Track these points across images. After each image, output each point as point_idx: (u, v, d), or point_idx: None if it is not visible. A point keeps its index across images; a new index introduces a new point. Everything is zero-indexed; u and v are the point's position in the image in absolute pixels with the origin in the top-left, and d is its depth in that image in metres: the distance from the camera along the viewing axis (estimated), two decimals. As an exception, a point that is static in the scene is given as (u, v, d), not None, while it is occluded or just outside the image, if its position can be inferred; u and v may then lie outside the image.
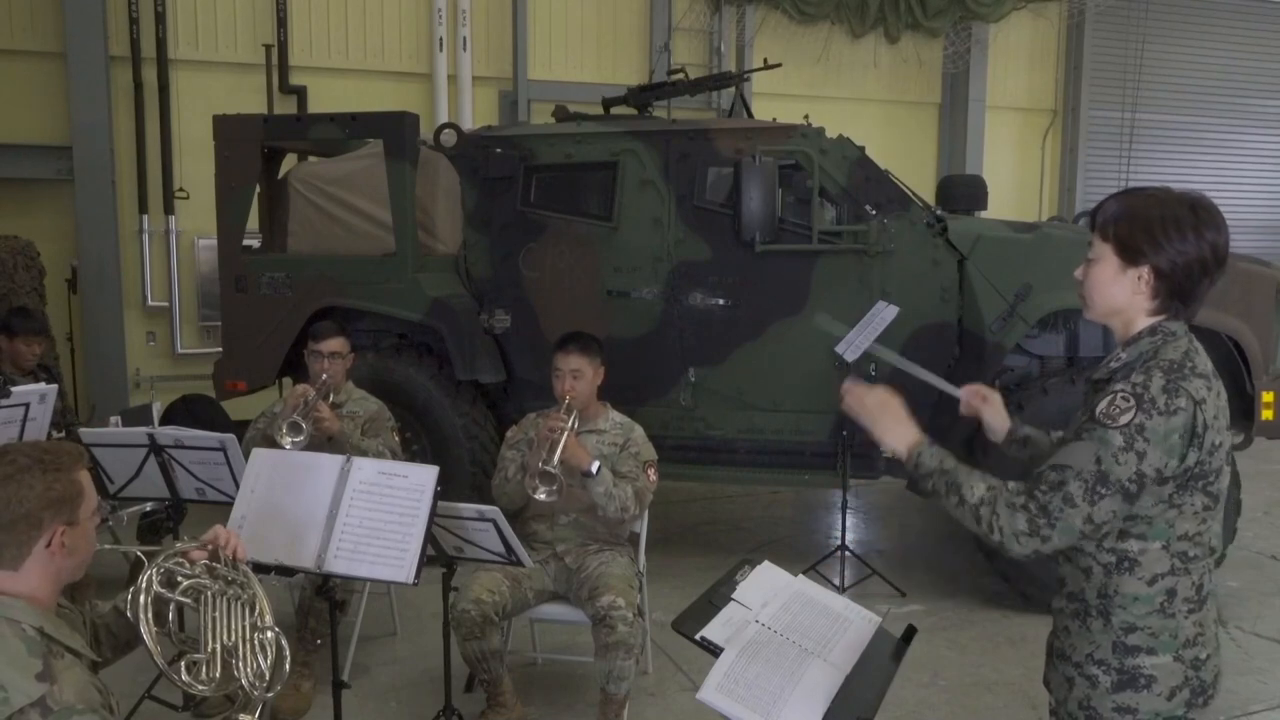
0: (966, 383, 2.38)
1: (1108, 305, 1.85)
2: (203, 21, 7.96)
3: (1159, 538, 1.77)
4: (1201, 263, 1.77)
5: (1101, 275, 1.84)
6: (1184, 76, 11.26)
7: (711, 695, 1.85)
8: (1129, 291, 1.81)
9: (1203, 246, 1.76)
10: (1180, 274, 1.77)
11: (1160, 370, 1.73)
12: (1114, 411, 1.71)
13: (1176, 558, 1.78)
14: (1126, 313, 1.84)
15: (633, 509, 3.59)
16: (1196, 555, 1.79)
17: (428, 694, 3.84)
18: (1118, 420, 1.70)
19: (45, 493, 1.76)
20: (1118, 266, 1.81)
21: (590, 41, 9.17)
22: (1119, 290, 1.82)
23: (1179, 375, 1.72)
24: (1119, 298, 1.83)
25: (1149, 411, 1.69)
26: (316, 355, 4.02)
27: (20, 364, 4.84)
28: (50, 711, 1.63)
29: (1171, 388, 1.70)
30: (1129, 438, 1.68)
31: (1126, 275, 1.80)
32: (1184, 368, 1.74)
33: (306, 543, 2.76)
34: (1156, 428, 1.69)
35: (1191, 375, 1.73)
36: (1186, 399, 1.70)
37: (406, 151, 5.15)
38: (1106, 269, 1.83)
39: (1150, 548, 1.78)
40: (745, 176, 4.71)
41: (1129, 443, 1.68)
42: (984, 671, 4.18)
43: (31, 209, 7.60)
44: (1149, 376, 1.72)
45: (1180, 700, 1.79)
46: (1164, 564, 1.78)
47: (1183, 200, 1.79)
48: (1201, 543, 1.80)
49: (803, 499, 6.82)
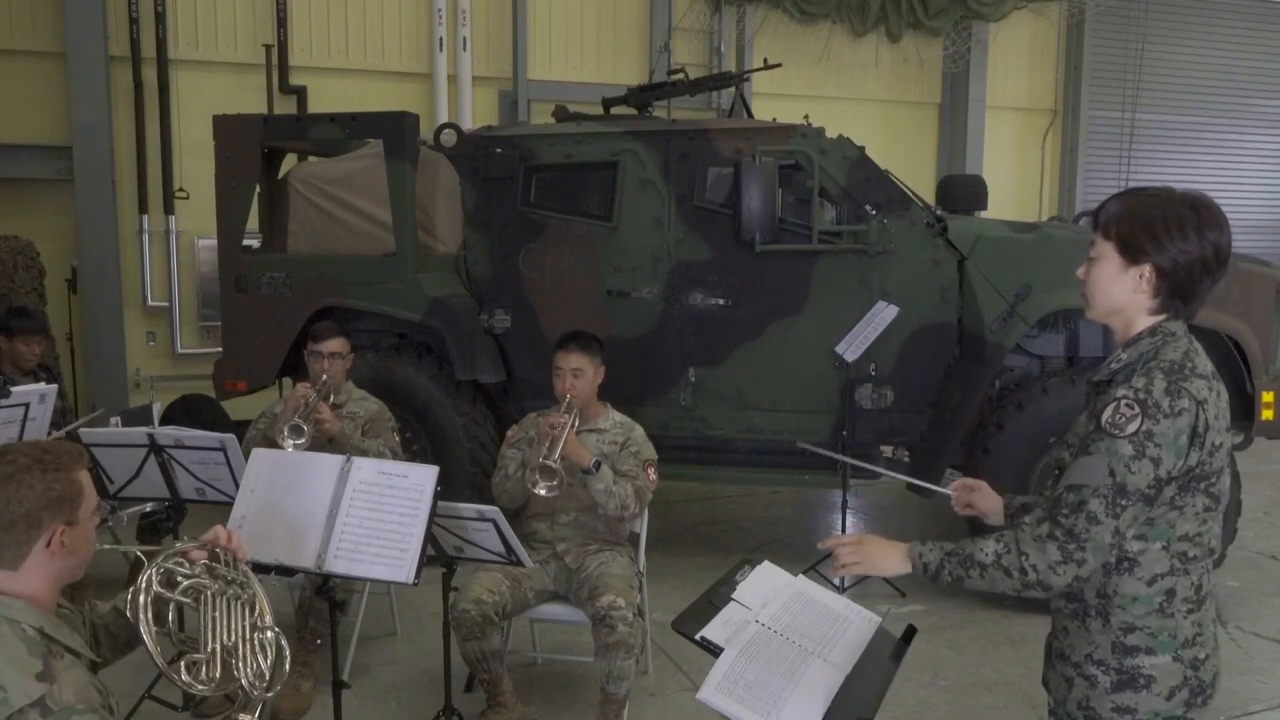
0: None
1: (1109, 304, 1.85)
2: (203, 21, 7.96)
3: (1159, 538, 1.77)
4: (1203, 262, 1.77)
5: (1103, 274, 1.84)
6: (1184, 76, 11.25)
7: (711, 695, 1.85)
8: (1130, 290, 1.81)
9: (1205, 246, 1.76)
10: (1182, 273, 1.77)
11: (1161, 372, 1.73)
12: (1119, 420, 1.70)
13: (1176, 558, 1.78)
14: (1127, 312, 1.84)
15: (632, 507, 3.59)
16: (1196, 556, 1.79)
17: (428, 694, 3.84)
18: (1125, 429, 1.70)
19: (45, 492, 1.75)
20: (1119, 265, 1.81)
21: (590, 41, 9.17)
22: (1120, 289, 1.82)
23: (1180, 376, 1.72)
24: (1120, 297, 1.83)
25: (1155, 416, 1.69)
26: (316, 356, 4.02)
27: (20, 364, 4.84)
28: (50, 711, 1.63)
29: (1174, 389, 1.71)
30: (1139, 446, 1.69)
31: (1128, 274, 1.81)
32: (1185, 368, 1.74)
33: (306, 543, 2.76)
34: (1165, 431, 1.69)
35: (1192, 376, 1.74)
36: (1189, 399, 1.70)
37: (406, 151, 5.15)
38: (1108, 268, 1.83)
39: (1150, 548, 1.78)
40: (745, 176, 4.71)
41: (1140, 450, 1.69)
42: (984, 671, 4.18)
43: (31, 209, 7.59)
44: (1150, 379, 1.72)
45: (1179, 700, 1.79)
46: (1163, 564, 1.78)
47: (1185, 200, 1.79)
48: (1201, 543, 1.79)
49: (803, 499, 6.82)
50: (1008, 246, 4.83)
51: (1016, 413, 4.67)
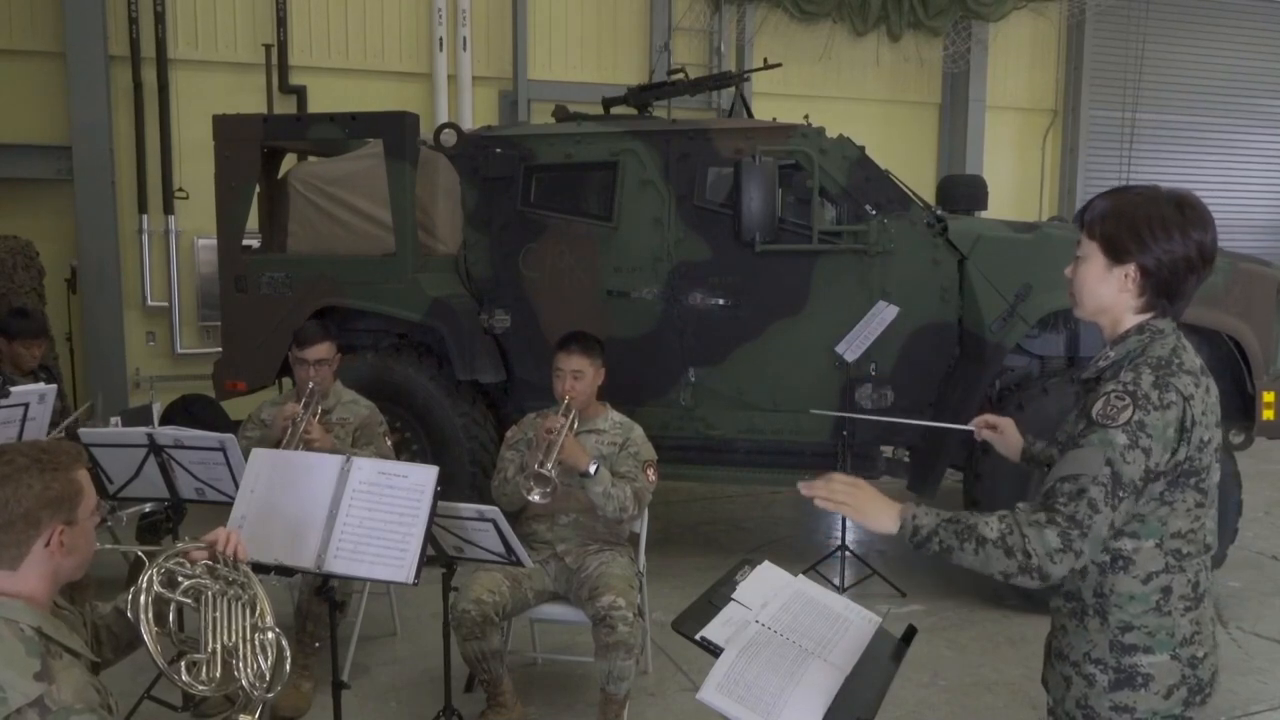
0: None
1: (1095, 303, 1.86)
2: (202, 21, 7.96)
3: (1151, 536, 1.77)
4: (1188, 261, 1.78)
5: (1089, 274, 1.85)
6: (1185, 76, 11.25)
7: (711, 695, 1.84)
8: (1116, 289, 1.82)
9: (1189, 245, 1.77)
10: (1166, 272, 1.78)
11: (1149, 367, 1.74)
12: (1111, 411, 1.71)
13: (1170, 555, 1.78)
14: (1114, 311, 1.85)
15: (631, 509, 3.58)
16: (1190, 553, 1.79)
17: (428, 694, 3.83)
18: (1117, 419, 1.70)
19: (44, 492, 1.75)
20: (1104, 264, 1.82)
21: (590, 41, 9.17)
22: (1106, 288, 1.83)
23: (1167, 371, 1.73)
24: (1106, 296, 1.84)
25: (1145, 407, 1.69)
26: (302, 363, 3.91)
27: (20, 365, 4.83)
28: (48, 711, 1.63)
29: (1161, 383, 1.71)
30: (1132, 435, 1.68)
31: (1113, 273, 1.82)
32: (1171, 364, 1.75)
33: (306, 543, 2.76)
34: (1155, 423, 1.69)
35: (1179, 371, 1.75)
36: (1176, 394, 1.71)
37: (406, 151, 5.15)
38: (1094, 267, 1.84)
39: (1143, 546, 1.78)
40: (745, 176, 4.71)
41: (1133, 440, 1.68)
42: (984, 671, 4.18)
43: (31, 209, 7.59)
44: (1138, 374, 1.73)
45: (1178, 699, 1.79)
46: (1158, 562, 1.78)
47: (1170, 199, 1.80)
48: (1195, 540, 1.80)
49: (802, 499, 6.78)
50: (1008, 246, 4.83)
51: (1017, 413, 4.65)
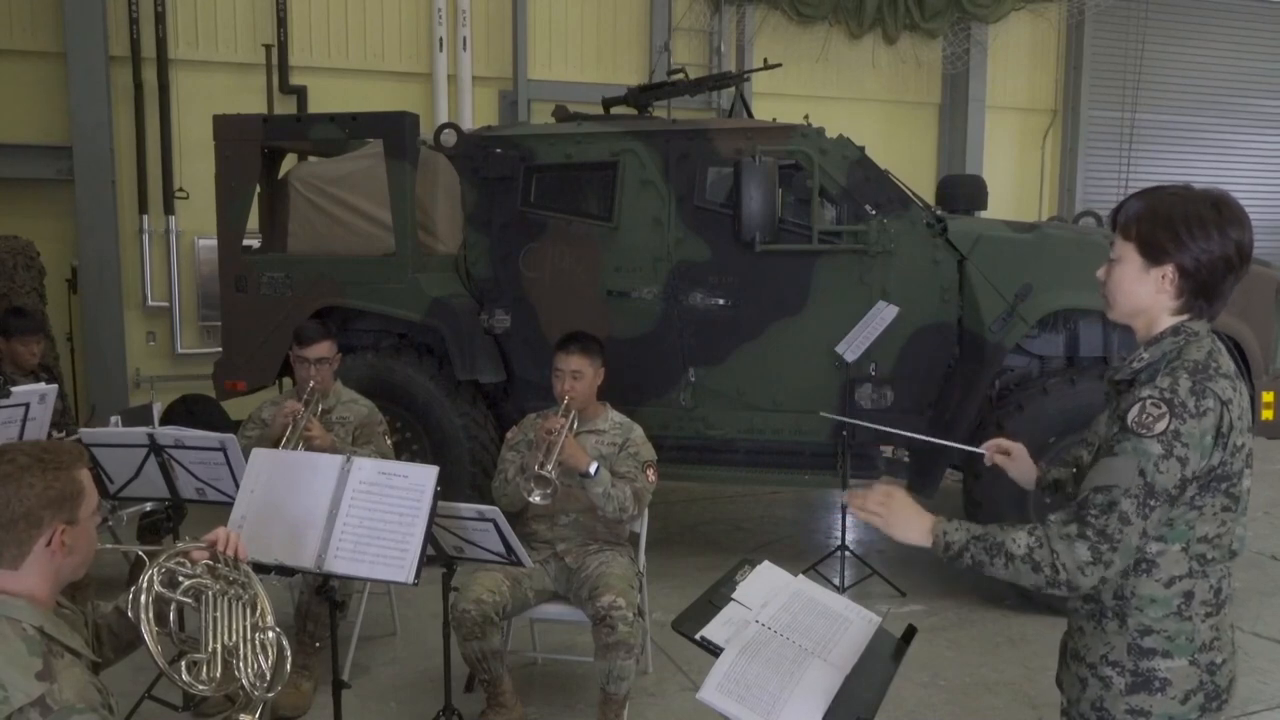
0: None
1: (1131, 305, 1.82)
2: (203, 21, 7.95)
3: (1178, 539, 1.75)
4: (1226, 260, 1.74)
5: (1124, 275, 1.81)
6: (1184, 76, 11.24)
7: (711, 695, 1.85)
8: (1153, 291, 1.78)
9: (1227, 244, 1.73)
10: (1205, 272, 1.74)
11: (1186, 371, 1.71)
12: (1146, 420, 1.68)
13: (1195, 560, 1.76)
14: (1150, 312, 1.81)
15: (631, 509, 3.58)
16: (1215, 558, 1.77)
17: (428, 694, 3.83)
18: (1152, 429, 1.67)
19: (45, 491, 1.76)
20: (1141, 266, 1.78)
21: (590, 41, 9.17)
22: (1143, 290, 1.79)
23: (1205, 376, 1.70)
24: (1143, 298, 1.80)
25: (1182, 416, 1.66)
26: (303, 362, 3.93)
27: (20, 364, 4.84)
28: (50, 710, 1.63)
29: (1199, 389, 1.68)
30: (1167, 445, 1.66)
31: (1150, 275, 1.78)
32: (1209, 368, 1.72)
33: (306, 543, 2.76)
34: (1192, 431, 1.66)
35: (1217, 375, 1.71)
36: (1214, 399, 1.68)
37: (406, 151, 5.15)
38: (1129, 269, 1.80)
39: (1169, 549, 1.76)
40: (745, 176, 4.71)
41: (1168, 450, 1.66)
42: (984, 671, 4.18)
43: (31, 209, 7.59)
44: (1175, 379, 1.70)
45: (1194, 704, 1.77)
46: (1182, 566, 1.76)
47: (1205, 198, 1.76)
48: (1221, 545, 1.77)
49: (803, 499, 6.82)
50: (1008, 246, 4.83)
51: (1016, 413, 4.66)
